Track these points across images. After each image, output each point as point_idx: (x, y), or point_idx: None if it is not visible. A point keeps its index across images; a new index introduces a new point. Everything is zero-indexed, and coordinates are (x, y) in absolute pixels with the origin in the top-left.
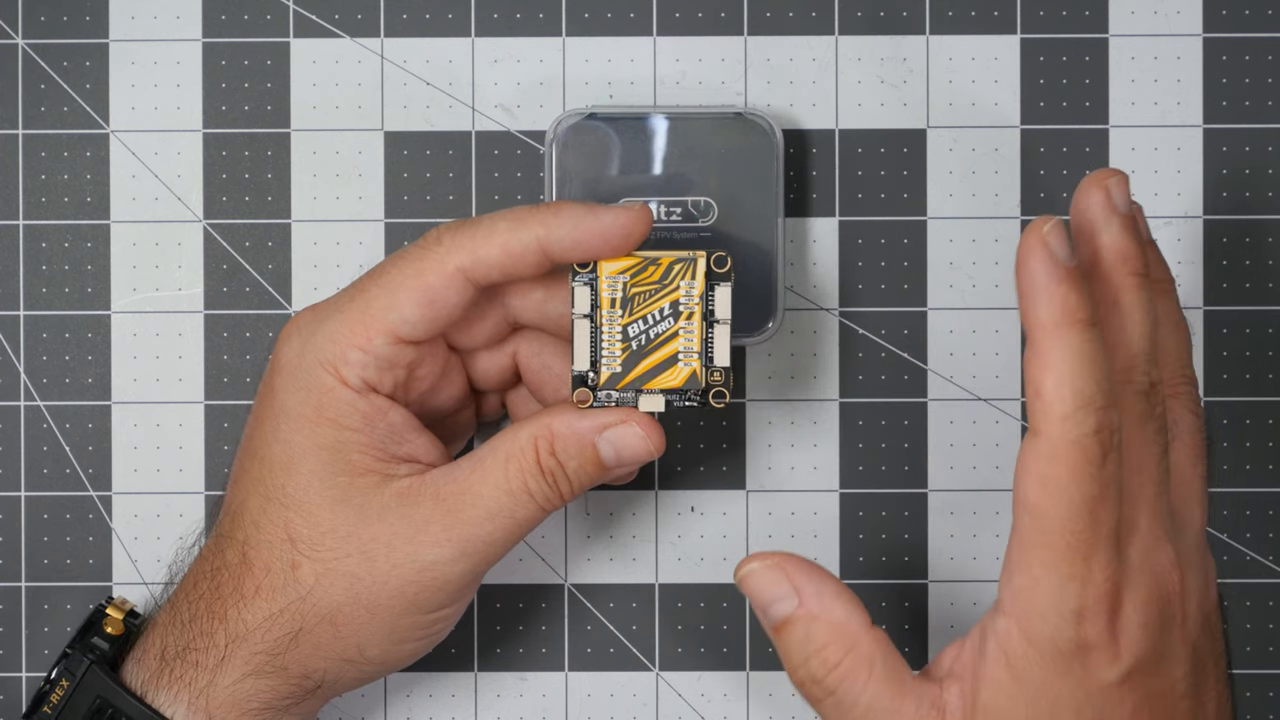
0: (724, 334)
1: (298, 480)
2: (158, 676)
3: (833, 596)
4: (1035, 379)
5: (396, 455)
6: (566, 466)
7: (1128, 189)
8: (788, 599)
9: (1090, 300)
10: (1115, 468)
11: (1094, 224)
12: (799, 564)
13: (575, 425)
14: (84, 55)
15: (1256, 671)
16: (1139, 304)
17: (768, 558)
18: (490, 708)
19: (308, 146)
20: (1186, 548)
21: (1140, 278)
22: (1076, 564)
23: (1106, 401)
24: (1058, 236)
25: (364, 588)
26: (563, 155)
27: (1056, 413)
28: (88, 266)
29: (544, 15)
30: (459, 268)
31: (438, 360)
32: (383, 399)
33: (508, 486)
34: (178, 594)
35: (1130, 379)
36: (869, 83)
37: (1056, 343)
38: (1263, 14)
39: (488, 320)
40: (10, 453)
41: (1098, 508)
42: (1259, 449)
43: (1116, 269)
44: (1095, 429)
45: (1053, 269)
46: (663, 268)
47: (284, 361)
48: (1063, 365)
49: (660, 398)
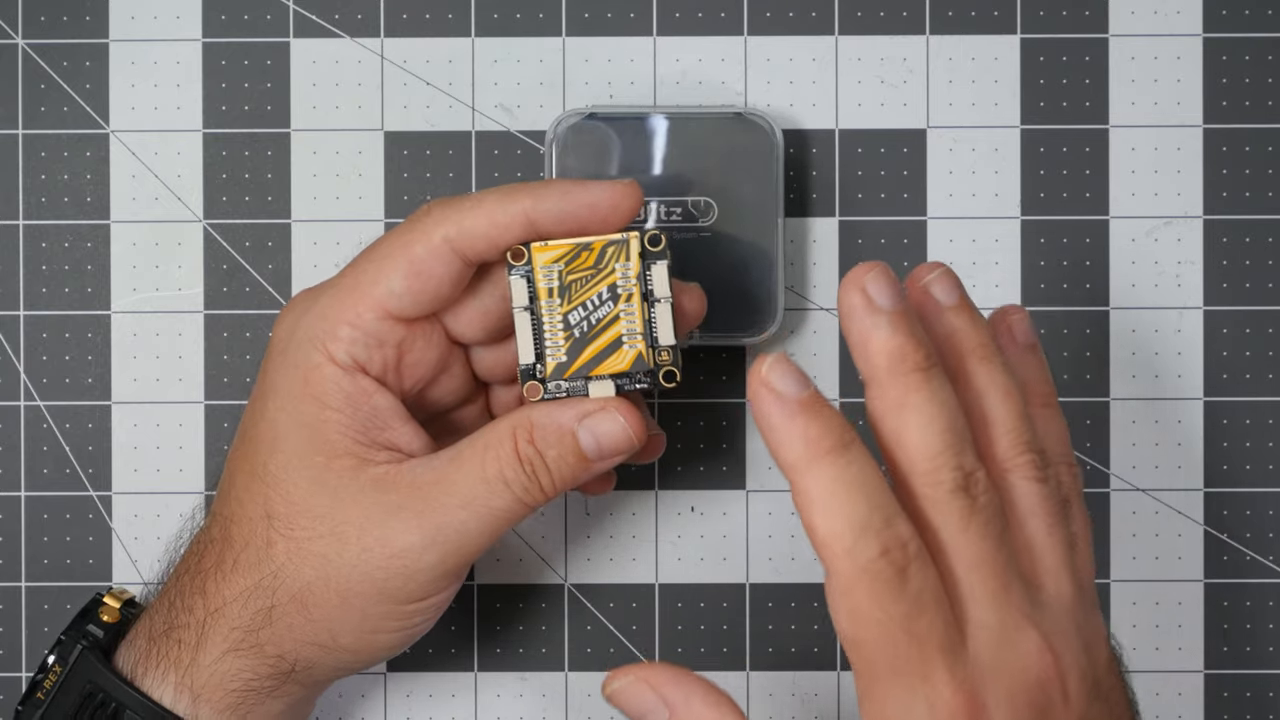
0: (665, 312)
1: (278, 458)
2: (146, 657)
3: (701, 703)
4: (805, 521)
5: (377, 441)
6: (545, 455)
7: (889, 280)
8: (658, 711)
9: (836, 423)
10: (923, 579)
11: (862, 332)
12: (666, 675)
13: (554, 415)
14: (84, 55)
15: (1256, 671)
16: (926, 400)
17: (634, 671)
18: (490, 708)
19: (308, 146)
20: (1057, 624)
21: (924, 372)
22: (915, 684)
23: (886, 518)
24: (778, 371)
25: (334, 570)
26: (563, 155)
27: (836, 549)
28: (88, 266)
29: (544, 15)
30: (445, 238)
31: (432, 346)
32: (369, 381)
33: (483, 475)
34: (169, 578)
35: (938, 480)
36: (869, 83)
37: (810, 479)
38: (1263, 14)
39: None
40: (10, 453)
41: (913, 624)
42: (1259, 449)
43: (894, 371)
44: (881, 551)
45: (781, 408)
46: (595, 252)
47: (277, 339)
48: (826, 500)
49: (610, 383)
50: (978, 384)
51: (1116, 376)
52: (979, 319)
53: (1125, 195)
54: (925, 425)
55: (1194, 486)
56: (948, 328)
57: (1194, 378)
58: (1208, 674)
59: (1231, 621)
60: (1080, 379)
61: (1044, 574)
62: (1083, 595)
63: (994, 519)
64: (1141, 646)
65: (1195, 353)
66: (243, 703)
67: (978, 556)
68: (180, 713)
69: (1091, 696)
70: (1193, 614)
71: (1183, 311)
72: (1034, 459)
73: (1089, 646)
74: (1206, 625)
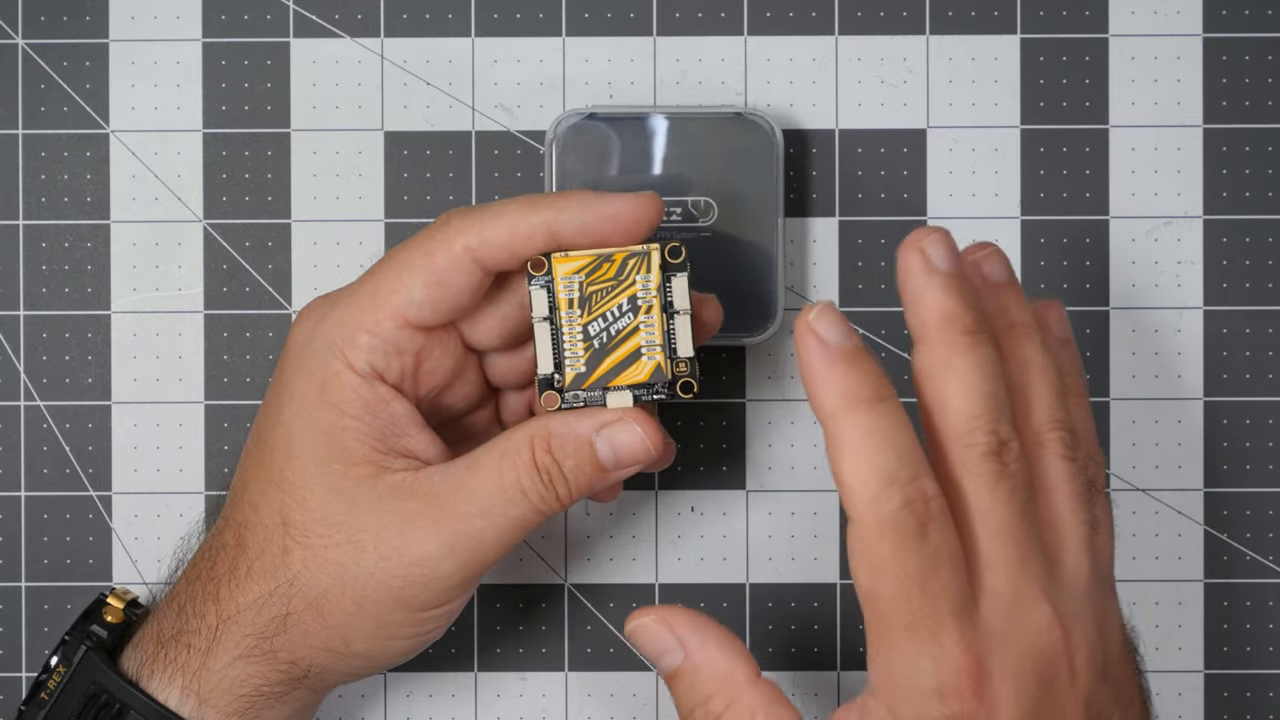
0: (685, 324)
1: (295, 465)
2: (153, 660)
3: (717, 648)
4: (834, 468)
5: (394, 449)
6: (563, 465)
7: (947, 245)
8: (674, 652)
9: (875, 376)
10: (942, 537)
11: (916, 290)
12: (685, 617)
13: (573, 424)
14: (84, 55)
15: (1256, 671)
16: (971, 364)
17: (654, 612)
18: (490, 708)
19: (308, 146)
20: (1070, 600)
21: (972, 335)
22: (924, 642)
23: (913, 473)
24: (826, 320)
25: (350, 578)
26: (563, 155)
27: (861, 496)
28: (88, 266)
29: (544, 15)
30: (466, 248)
31: (449, 354)
32: (387, 388)
33: (501, 483)
34: (179, 581)
35: (972, 442)
36: (869, 83)
37: (844, 427)
38: (1263, 14)
39: (508, 321)
40: (10, 453)
41: (928, 581)
42: (1259, 449)
43: (944, 331)
44: (904, 503)
45: (824, 355)
46: (617, 264)
47: (293, 345)
48: (856, 448)
49: (628, 394)
50: (1020, 358)
51: (1116, 376)
52: (1024, 300)
53: (1125, 195)
54: (967, 387)
55: (1194, 486)
56: (996, 303)
57: (1194, 378)
58: (1208, 674)
59: (1231, 621)
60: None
61: (1064, 550)
62: (1100, 577)
63: (1021, 488)
64: (1141, 646)
65: (1195, 353)
66: (250, 708)
67: (1001, 523)
68: (186, 715)
69: (1100, 678)
70: (1193, 614)
71: (1183, 311)
72: (1065, 437)
73: (1101, 628)
74: (1206, 625)
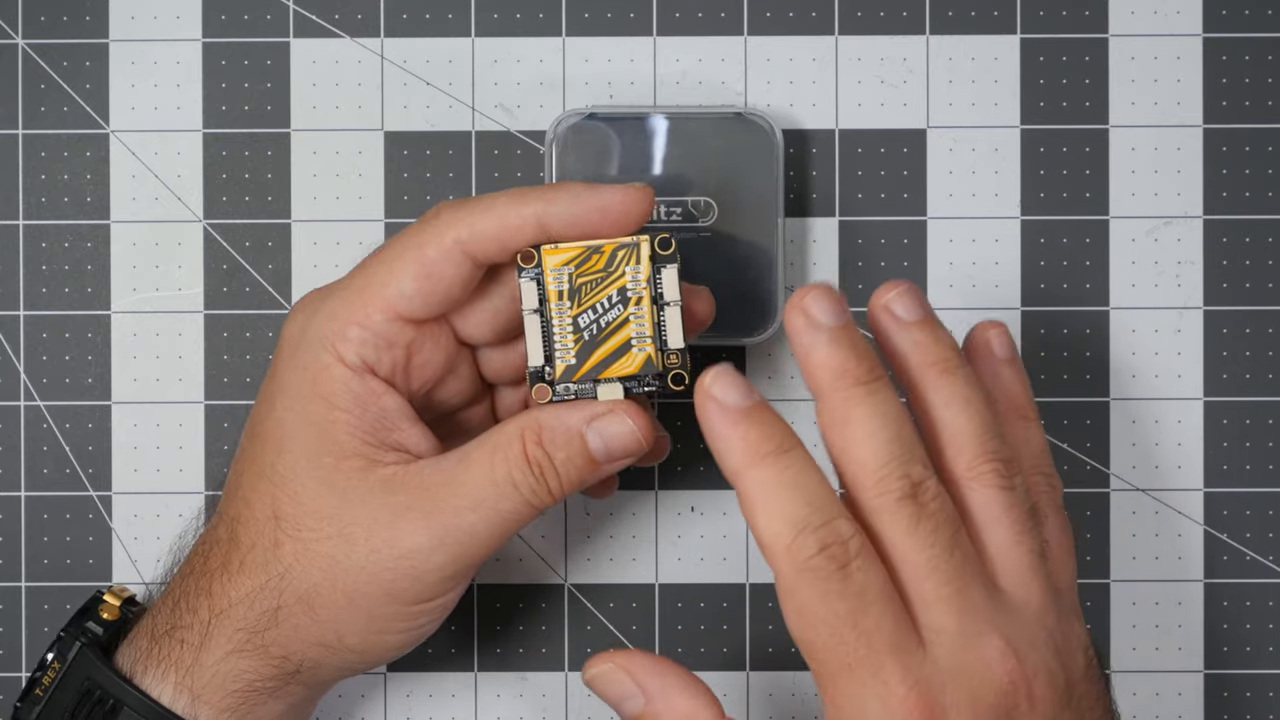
0: (675, 316)
1: (286, 459)
2: (147, 656)
3: (679, 693)
4: (749, 524)
5: (385, 442)
6: (554, 458)
7: (829, 298)
8: (635, 698)
9: (776, 428)
10: (866, 575)
11: (803, 349)
12: (645, 662)
13: (563, 417)
14: (84, 55)
15: (1256, 671)
16: (869, 413)
17: (613, 658)
18: (490, 708)
19: (308, 146)
20: (1022, 628)
21: (866, 385)
22: (866, 682)
23: (825, 517)
24: (722, 382)
25: (341, 571)
26: (563, 155)
27: (777, 547)
28: (88, 266)
29: (544, 15)
30: (456, 240)
31: (441, 348)
32: (378, 382)
33: (492, 477)
34: (174, 577)
35: (885, 490)
36: (869, 83)
37: (751, 482)
38: (1263, 14)
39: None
40: (10, 453)
41: (859, 620)
42: (1259, 449)
43: (837, 385)
44: (819, 547)
45: (723, 416)
46: (606, 255)
47: (286, 339)
48: (766, 501)
49: (618, 386)
50: (939, 396)
51: (1116, 376)
52: (942, 333)
53: (1125, 195)
54: (869, 437)
55: (1194, 486)
56: (910, 343)
57: (1194, 378)
58: (1208, 674)
59: (1231, 621)
60: (1080, 379)
61: (1009, 581)
62: (1057, 602)
63: (945, 524)
64: (1141, 646)
65: (1195, 353)
66: (244, 703)
67: (930, 563)
68: (179, 711)
69: (1062, 702)
70: (1193, 614)
71: (1183, 311)
72: (997, 467)
73: (1060, 653)
74: (1206, 625)
